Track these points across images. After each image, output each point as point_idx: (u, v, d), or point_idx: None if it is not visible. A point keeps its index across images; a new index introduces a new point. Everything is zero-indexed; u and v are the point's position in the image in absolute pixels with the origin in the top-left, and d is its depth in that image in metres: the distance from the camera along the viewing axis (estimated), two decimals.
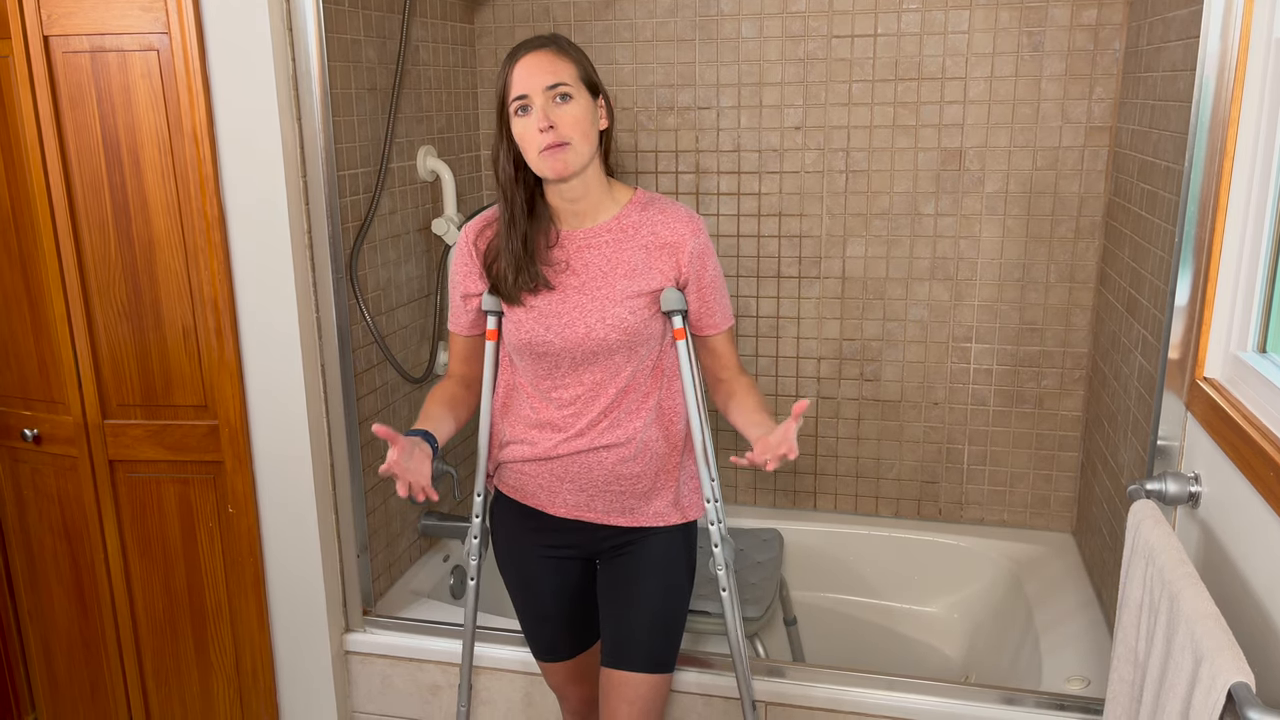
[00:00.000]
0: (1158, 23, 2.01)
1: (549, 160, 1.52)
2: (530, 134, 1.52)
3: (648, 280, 1.60)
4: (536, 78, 1.51)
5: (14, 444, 2.23)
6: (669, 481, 1.69)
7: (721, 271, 1.68)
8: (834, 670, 2.01)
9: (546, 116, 1.50)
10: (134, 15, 1.91)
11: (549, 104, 1.51)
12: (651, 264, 1.60)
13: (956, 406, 2.65)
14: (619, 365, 1.61)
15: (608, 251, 1.60)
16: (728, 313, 1.69)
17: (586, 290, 1.59)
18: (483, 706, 2.21)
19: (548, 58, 1.52)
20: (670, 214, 1.63)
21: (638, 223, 1.62)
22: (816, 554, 2.73)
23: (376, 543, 2.34)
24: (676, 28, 2.62)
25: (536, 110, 1.51)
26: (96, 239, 2.03)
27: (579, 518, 1.70)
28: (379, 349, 2.31)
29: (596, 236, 1.61)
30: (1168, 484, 1.53)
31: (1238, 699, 1.01)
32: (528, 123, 1.52)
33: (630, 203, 1.63)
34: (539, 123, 1.50)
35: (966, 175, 2.51)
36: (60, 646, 2.33)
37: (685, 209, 1.65)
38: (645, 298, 1.60)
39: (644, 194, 1.66)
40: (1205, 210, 1.55)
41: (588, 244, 1.61)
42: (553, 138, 1.50)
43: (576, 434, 1.63)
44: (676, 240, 1.61)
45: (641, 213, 1.62)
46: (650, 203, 1.64)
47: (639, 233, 1.61)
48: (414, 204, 2.48)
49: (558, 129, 1.50)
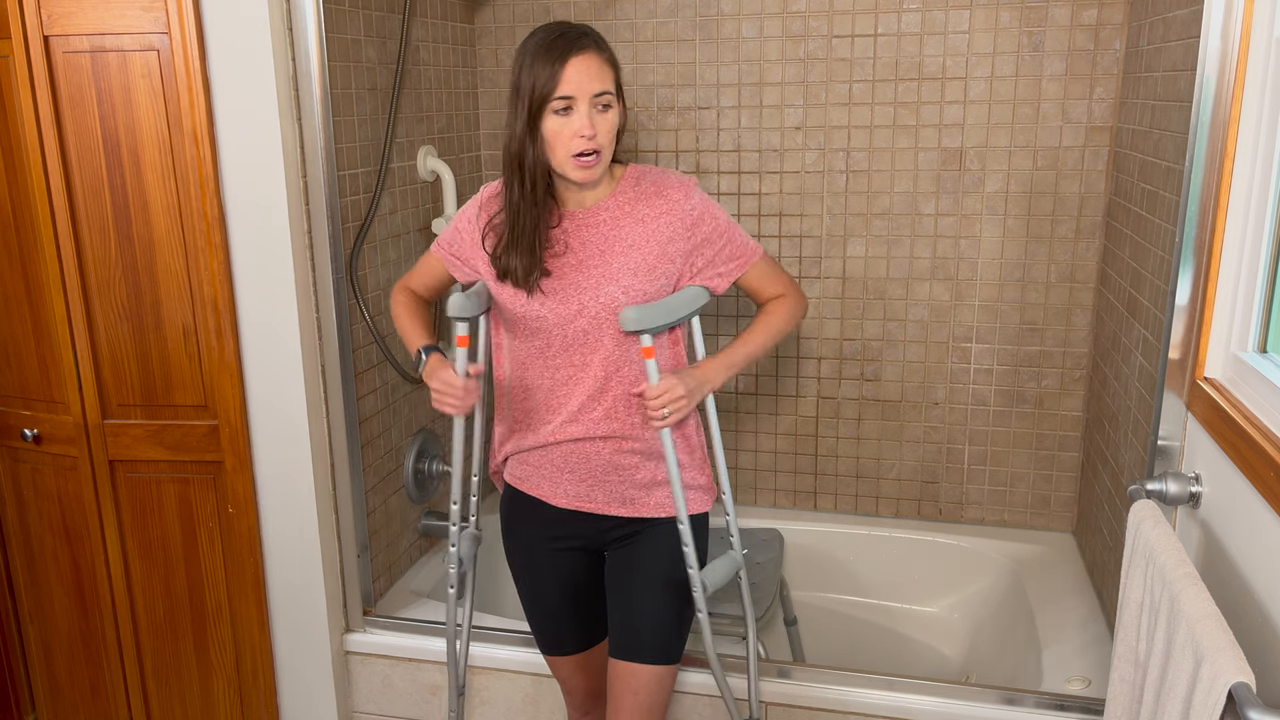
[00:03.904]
0: (1158, 23, 2.01)
1: (580, 166, 1.53)
2: (566, 135, 1.51)
3: (644, 254, 1.61)
4: (587, 83, 1.50)
5: (14, 444, 2.23)
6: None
7: (726, 215, 1.68)
8: (834, 670, 2.01)
9: (591, 124, 1.50)
10: (134, 15, 1.90)
11: (592, 111, 1.51)
12: (650, 237, 1.61)
13: (957, 406, 2.65)
14: (610, 346, 1.62)
15: (605, 230, 1.62)
16: (747, 248, 1.69)
17: (584, 268, 1.60)
18: (483, 706, 2.21)
19: (596, 63, 1.51)
20: (661, 182, 1.64)
21: (633, 198, 1.63)
22: (816, 554, 2.73)
23: (376, 543, 2.34)
24: (677, 28, 2.62)
25: (581, 115, 1.50)
26: (96, 239, 2.03)
27: (580, 508, 1.71)
28: (379, 349, 2.31)
29: (594, 215, 1.62)
30: (1168, 484, 1.53)
31: (1238, 699, 1.01)
32: (567, 123, 1.51)
33: (624, 179, 1.65)
34: (582, 128, 1.50)
35: (967, 175, 2.51)
36: (60, 647, 2.32)
37: (674, 175, 1.66)
38: (641, 275, 1.60)
39: (636, 168, 1.67)
40: (1206, 210, 1.54)
41: (586, 222, 1.62)
42: (591, 145, 1.51)
43: (569, 418, 1.65)
44: (670, 209, 1.62)
45: (635, 187, 1.64)
46: (642, 176, 1.66)
47: (635, 208, 1.62)
48: (414, 204, 2.48)
49: (597, 137, 1.51)
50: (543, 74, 1.50)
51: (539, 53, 1.51)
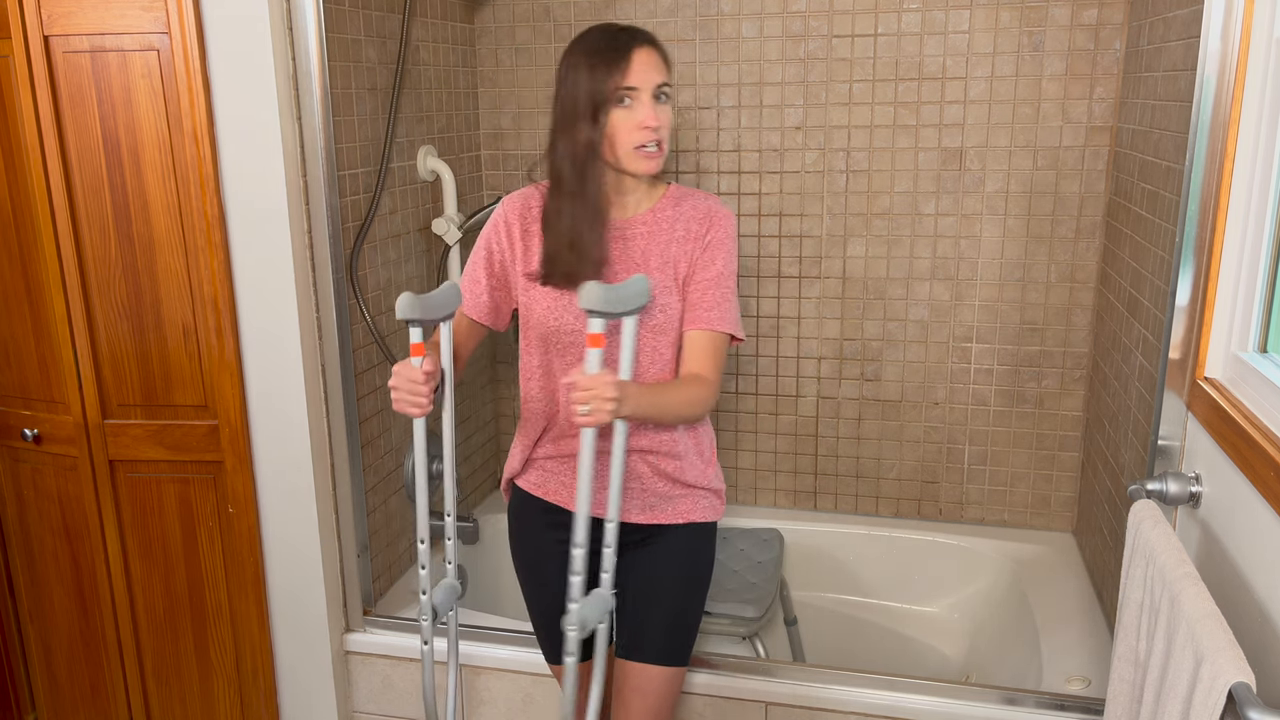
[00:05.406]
0: (1158, 22, 2.01)
1: (644, 158, 1.53)
2: (630, 126, 1.51)
3: (678, 270, 1.60)
4: (652, 73, 1.51)
5: (14, 444, 2.23)
6: (694, 482, 1.69)
7: (734, 269, 1.63)
8: (834, 670, 2.01)
9: (655, 115, 1.51)
10: (134, 15, 1.90)
11: (655, 102, 1.52)
12: (681, 256, 1.61)
13: (957, 406, 2.65)
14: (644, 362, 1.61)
15: (641, 244, 1.61)
16: (720, 318, 1.60)
17: (619, 280, 1.59)
18: (483, 706, 2.21)
19: (656, 55, 1.54)
20: (703, 205, 1.63)
21: (672, 217, 1.62)
22: (816, 554, 2.73)
23: (376, 543, 2.34)
24: (676, 28, 2.62)
25: (644, 105, 1.51)
26: (96, 239, 2.03)
27: (600, 514, 1.69)
28: (379, 349, 2.31)
29: (631, 228, 1.62)
30: (1168, 484, 1.53)
31: (1238, 699, 1.01)
32: (629, 115, 1.51)
33: (665, 196, 1.64)
34: (647, 119, 1.51)
35: (967, 175, 2.51)
36: (60, 646, 2.32)
37: (717, 201, 1.65)
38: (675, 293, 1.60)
39: (678, 188, 1.67)
40: (1206, 210, 1.54)
41: (622, 234, 1.62)
42: (656, 136, 1.51)
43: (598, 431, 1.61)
44: (699, 227, 1.61)
45: (676, 207, 1.63)
46: (684, 197, 1.65)
47: (674, 226, 1.62)
48: (414, 204, 2.48)
49: (660, 128, 1.52)
50: (607, 68, 1.50)
51: (600, 49, 1.52)
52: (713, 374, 1.59)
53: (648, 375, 1.63)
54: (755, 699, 2.03)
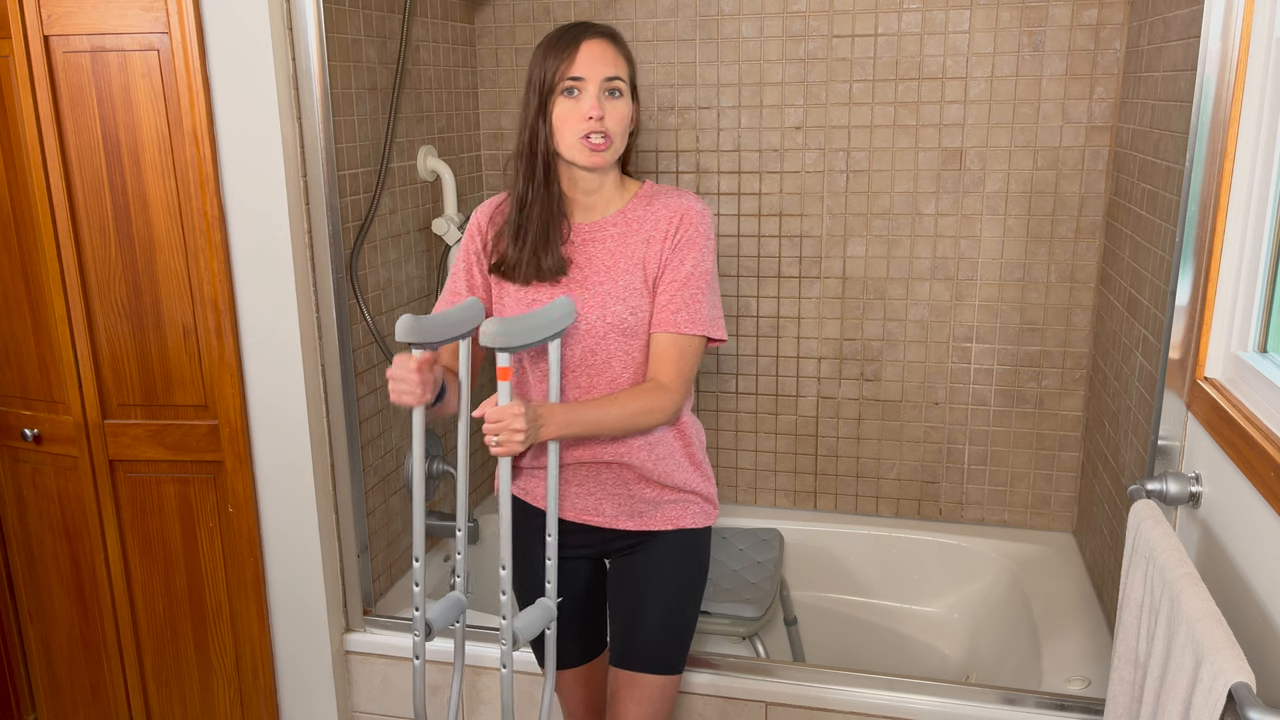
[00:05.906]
0: (1158, 22, 2.01)
1: (589, 149, 1.52)
2: (574, 117, 1.51)
3: (646, 274, 1.58)
4: (598, 65, 1.51)
5: (14, 444, 2.23)
6: (681, 485, 1.68)
7: (704, 273, 1.57)
8: (834, 670, 2.01)
9: (600, 105, 1.50)
10: (134, 15, 1.90)
11: (602, 95, 1.51)
12: (650, 256, 1.58)
13: (957, 406, 2.65)
14: (618, 369, 1.59)
15: (611, 246, 1.59)
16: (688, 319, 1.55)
17: (588, 285, 1.57)
18: (482, 706, 2.21)
19: (610, 49, 1.53)
20: (675, 204, 1.59)
21: (642, 216, 1.60)
22: (816, 554, 2.73)
23: (376, 543, 2.34)
24: (677, 27, 2.62)
25: (590, 97, 1.51)
26: (96, 239, 2.03)
27: (588, 521, 1.69)
28: (379, 349, 2.31)
29: (601, 230, 1.60)
30: (1168, 484, 1.53)
31: (1238, 699, 1.01)
32: (574, 106, 1.51)
33: (637, 196, 1.62)
34: (590, 109, 1.50)
35: (967, 175, 2.51)
36: (60, 646, 2.32)
37: (693, 196, 1.61)
38: (648, 296, 1.58)
39: (652, 186, 1.64)
40: (1206, 210, 1.54)
41: (592, 237, 1.60)
42: (599, 127, 1.51)
43: (577, 442, 1.61)
44: (669, 226, 1.57)
45: (647, 206, 1.61)
46: (656, 195, 1.62)
47: (643, 225, 1.59)
48: (414, 204, 2.48)
49: (605, 122, 1.51)
50: (552, 59, 1.51)
51: (554, 39, 1.53)
52: (674, 379, 1.56)
53: (621, 380, 1.59)
54: (755, 699, 2.03)
